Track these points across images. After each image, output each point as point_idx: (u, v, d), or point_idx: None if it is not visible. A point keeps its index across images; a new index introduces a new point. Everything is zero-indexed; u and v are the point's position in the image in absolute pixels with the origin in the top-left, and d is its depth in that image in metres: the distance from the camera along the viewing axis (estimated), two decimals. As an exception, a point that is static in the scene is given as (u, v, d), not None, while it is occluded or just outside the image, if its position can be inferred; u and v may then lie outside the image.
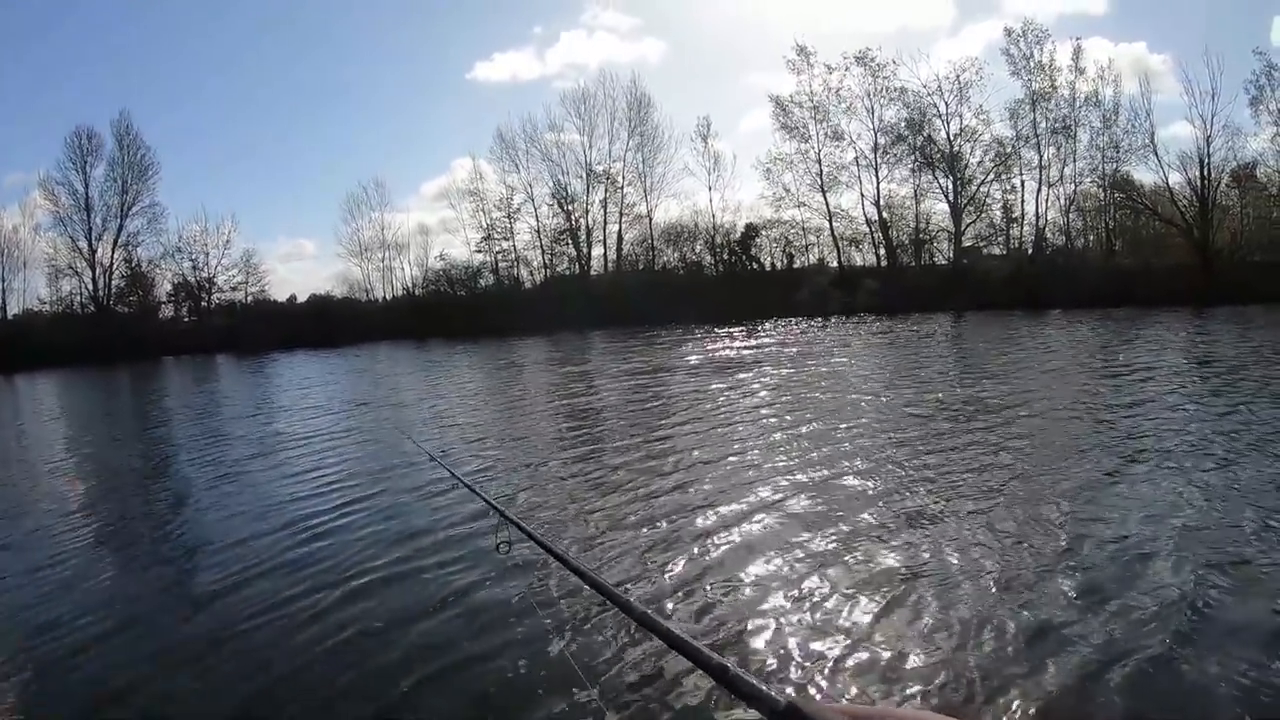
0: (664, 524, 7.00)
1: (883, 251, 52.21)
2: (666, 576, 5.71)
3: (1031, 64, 48.10)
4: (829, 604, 5.01)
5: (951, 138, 50.38)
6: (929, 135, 51.00)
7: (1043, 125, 48.04)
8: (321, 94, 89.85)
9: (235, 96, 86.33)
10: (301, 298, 61.76)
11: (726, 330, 35.48)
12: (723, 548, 6.23)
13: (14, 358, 46.04)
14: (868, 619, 4.75)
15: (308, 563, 6.73)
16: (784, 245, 54.17)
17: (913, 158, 51.38)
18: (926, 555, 5.74)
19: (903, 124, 51.42)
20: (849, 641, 4.48)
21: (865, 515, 6.73)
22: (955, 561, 5.55)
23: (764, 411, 12.95)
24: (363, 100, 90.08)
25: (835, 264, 52.41)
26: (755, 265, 54.12)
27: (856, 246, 53.43)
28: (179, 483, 11.66)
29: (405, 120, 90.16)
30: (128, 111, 56.52)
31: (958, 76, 49.94)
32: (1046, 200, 48.52)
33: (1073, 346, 20.27)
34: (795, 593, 5.22)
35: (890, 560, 5.66)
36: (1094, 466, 7.96)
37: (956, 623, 4.59)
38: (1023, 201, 49.30)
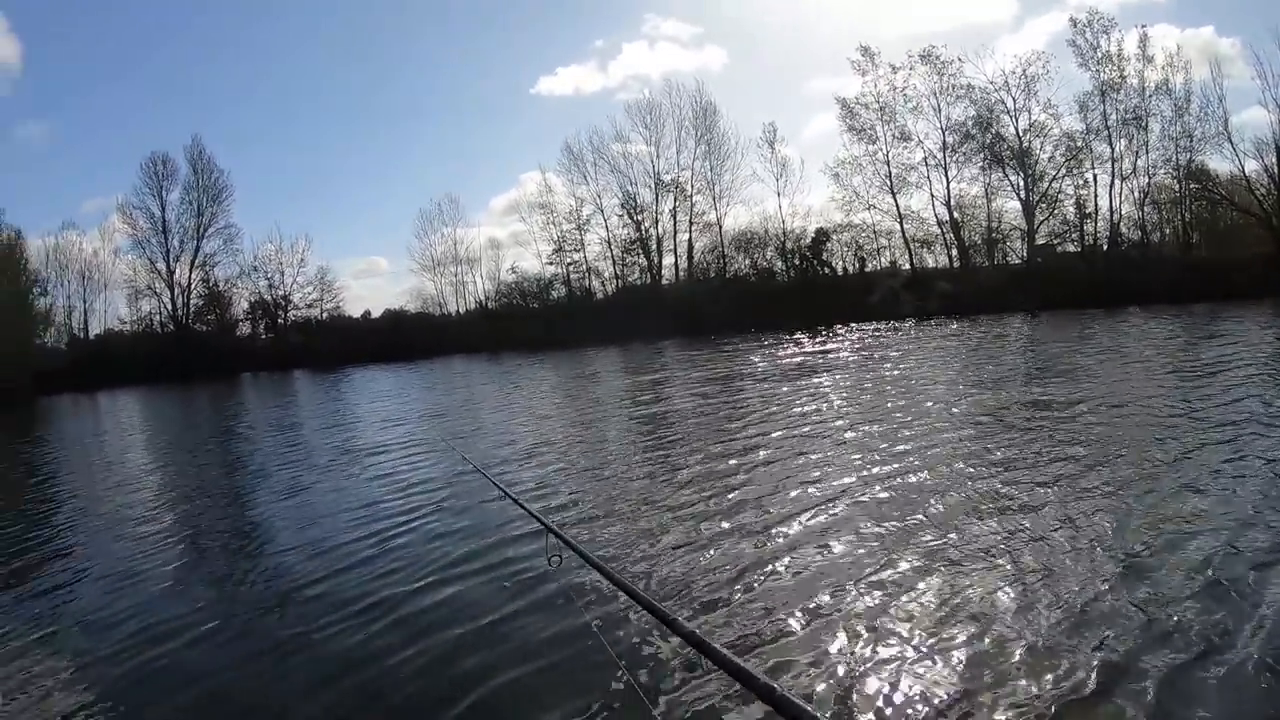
0: (721, 535, 7.06)
1: (955, 252, 52.27)
2: (719, 591, 5.67)
3: (1099, 54, 47.70)
4: (886, 625, 4.86)
5: (1021, 133, 50.21)
6: (998, 132, 50.93)
7: (1113, 117, 47.65)
8: (391, 114, 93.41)
9: (307, 119, 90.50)
10: (375, 313, 64.13)
11: (799, 336, 35.91)
12: (780, 564, 6.14)
13: (97, 376, 48.83)
14: (924, 647, 4.53)
15: (378, 567, 7.18)
16: (855, 249, 54.63)
17: (982, 155, 51.36)
18: (992, 579, 5.44)
19: (970, 122, 51.51)
20: (902, 668, 4.32)
21: (928, 536, 6.46)
22: (1021, 588, 5.22)
23: (831, 418, 13.06)
24: (431, 118, 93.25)
25: (907, 266, 52.44)
26: (827, 270, 54.48)
27: (928, 248, 53.66)
28: (258, 491, 12.35)
29: (473, 137, 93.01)
30: (199, 137, 60.06)
31: (1024, 70, 49.86)
32: (1120, 194, 48.04)
33: (1150, 345, 20.21)
34: (850, 614, 5.06)
35: (953, 585, 5.39)
36: (1182, 476, 7.50)
37: (1021, 654, 4.33)
38: (1096, 196, 48.83)
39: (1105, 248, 47.95)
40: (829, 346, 29.33)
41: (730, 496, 8.45)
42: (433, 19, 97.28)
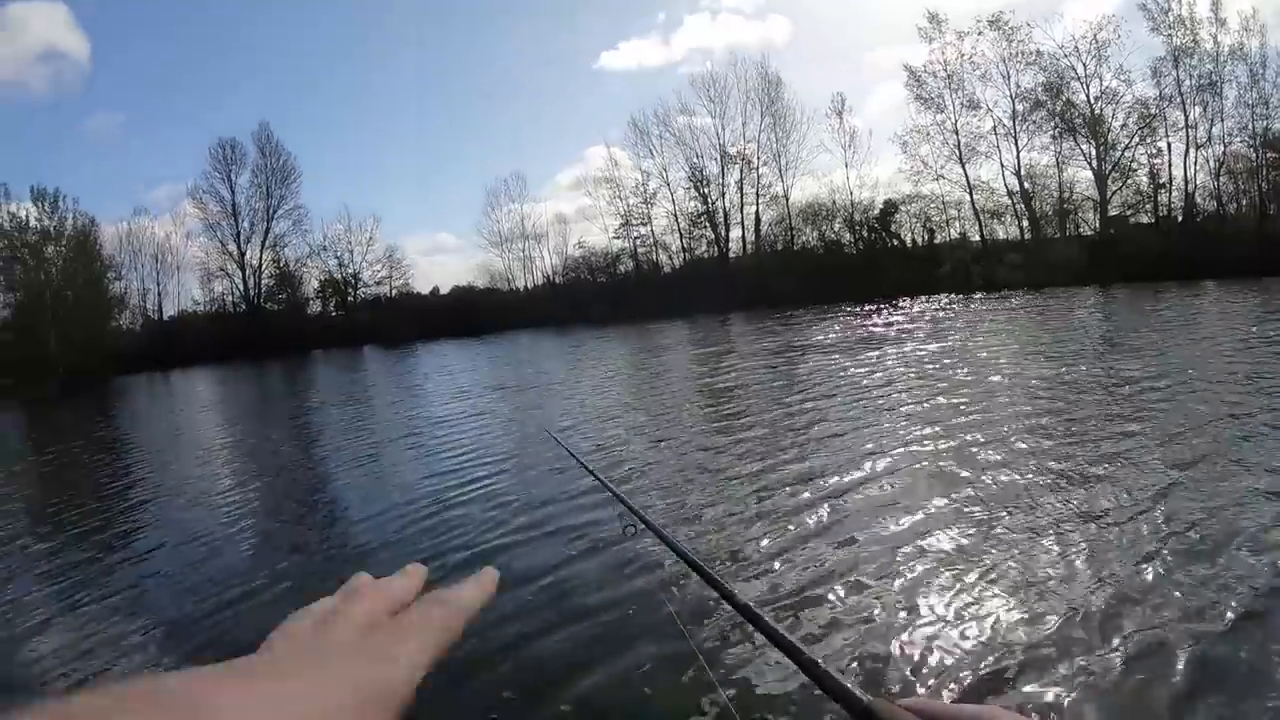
0: (780, 509, 7.27)
1: (1025, 223, 51.70)
2: (776, 565, 5.91)
3: (1170, 18, 46.28)
4: (934, 599, 5.06)
5: (1092, 101, 49.31)
6: (1068, 99, 50.01)
7: (1186, 83, 46.41)
8: (457, 92, 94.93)
9: (374, 101, 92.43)
10: (444, 290, 65.99)
11: (866, 309, 36.15)
12: (833, 536, 6.38)
13: (171, 356, 51.43)
14: (968, 620, 4.75)
15: (443, 531, 7.75)
16: (924, 220, 54.29)
17: (1053, 124, 50.46)
18: (1040, 554, 5.60)
19: (1040, 89, 50.59)
20: (945, 642, 4.52)
21: (979, 510, 6.64)
22: (1067, 565, 5.38)
23: (894, 391, 13.30)
24: (497, 96, 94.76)
25: (976, 238, 52.17)
26: (895, 242, 54.38)
27: (998, 219, 53.01)
28: (331, 460, 13.03)
29: (538, 114, 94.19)
30: (267, 122, 63.44)
31: (1095, 36, 48.81)
32: (1195, 163, 46.94)
33: (1225, 320, 20.14)
34: (899, 588, 5.27)
35: (1001, 559, 5.58)
36: (1243, 457, 7.43)
37: (1062, 628, 4.50)
38: (1170, 166, 47.71)
39: (1180, 219, 47.15)
40: (895, 319, 29.67)
41: (790, 469, 8.75)
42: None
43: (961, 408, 11.23)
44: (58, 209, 52.01)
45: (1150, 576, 5.05)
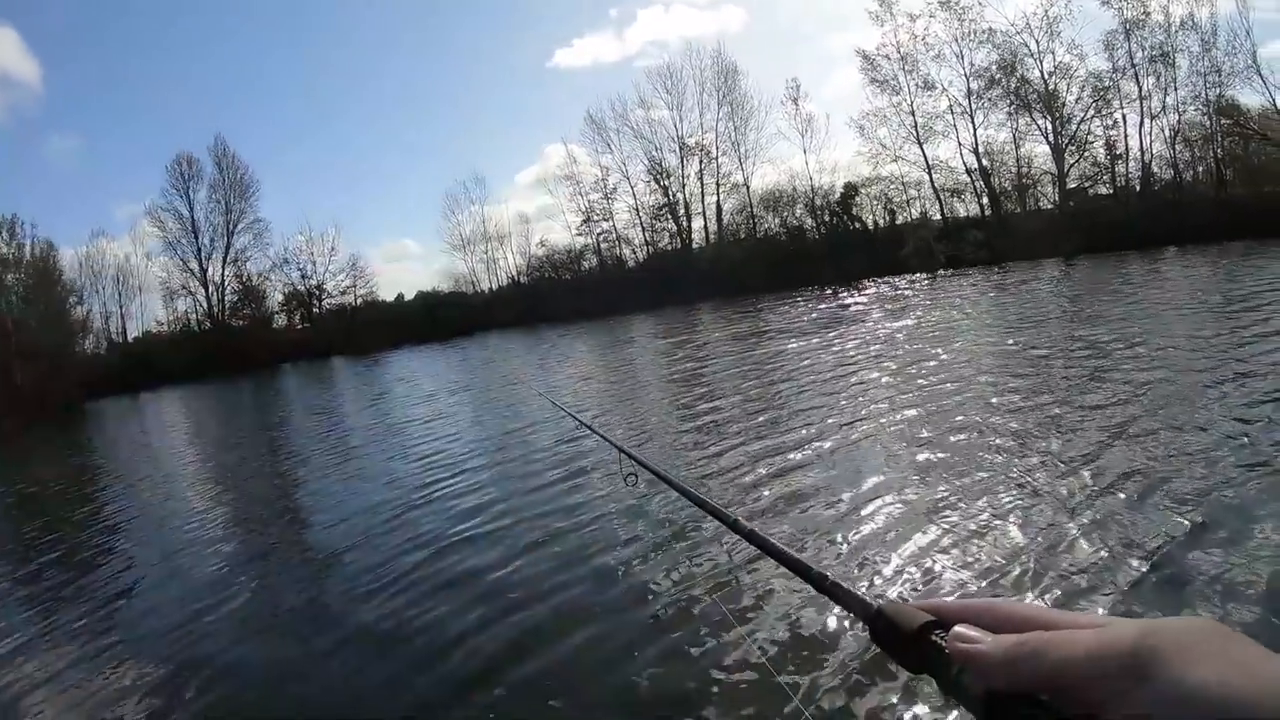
0: (762, 454, 8.26)
1: (986, 200, 51.80)
2: (769, 497, 6.87)
3: None
4: (920, 519, 5.78)
5: (1046, 76, 49.51)
6: (1023, 76, 50.19)
7: (1139, 55, 46.78)
8: (410, 96, 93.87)
9: (325, 107, 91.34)
10: (409, 296, 65.02)
11: (831, 293, 36.24)
12: (814, 473, 7.33)
13: (139, 378, 49.99)
14: (959, 533, 5.45)
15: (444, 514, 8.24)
16: (885, 202, 54.29)
17: (1008, 101, 50.65)
18: (997, 493, 6.14)
19: (994, 67, 50.71)
20: (938, 554, 5.19)
21: (928, 454, 7.40)
22: (1021, 502, 5.89)
23: (860, 362, 13.80)
24: (450, 98, 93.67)
25: (938, 217, 52.27)
26: (857, 225, 54.33)
27: (959, 197, 53.21)
28: (300, 469, 13.24)
29: (494, 114, 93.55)
30: (222, 136, 61.53)
31: (1046, 12, 48.89)
32: (1150, 133, 47.28)
33: (1190, 284, 20.39)
34: (885, 511, 6.05)
35: (981, 485, 6.32)
36: (1193, 414, 7.59)
37: (1025, 552, 5.02)
38: (1126, 137, 48.16)
39: (1138, 189, 47.46)
40: (860, 300, 29.78)
41: (766, 427, 9.62)
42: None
43: (921, 374, 11.66)
44: (15, 235, 50.72)
45: (1088, 511, 5.58)
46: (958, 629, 0.51)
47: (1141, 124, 47.35)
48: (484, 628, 5.24)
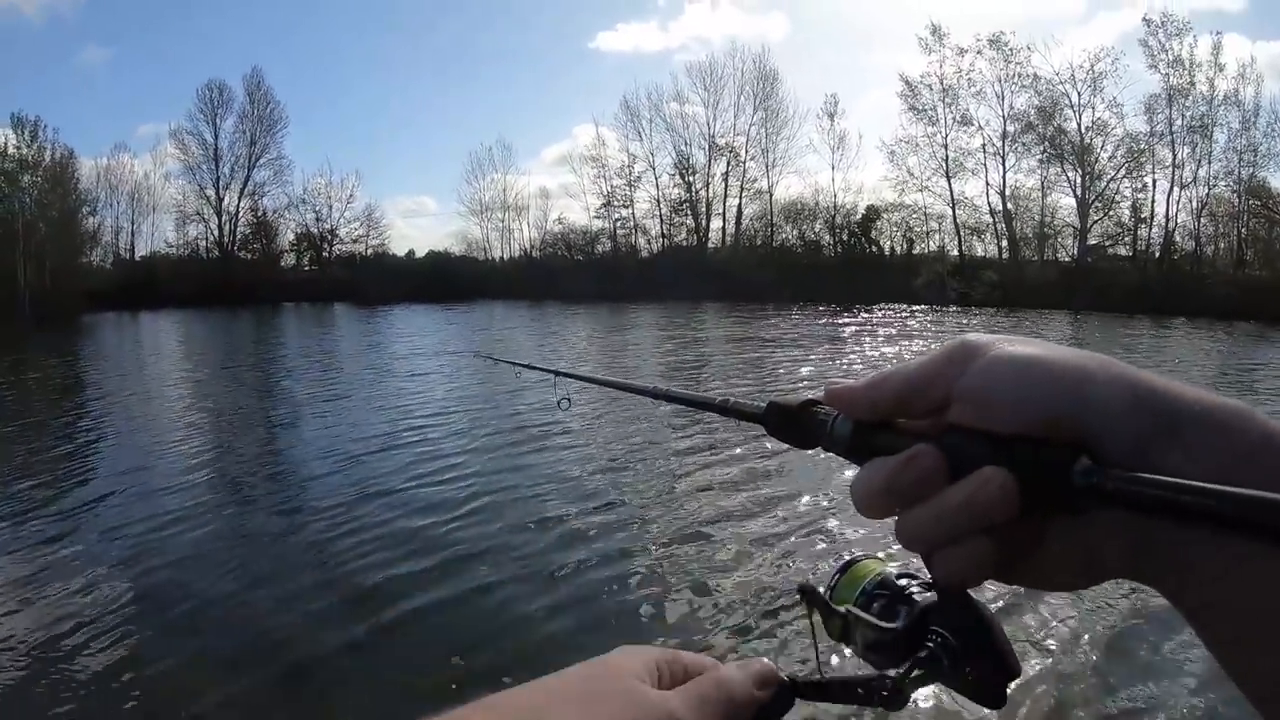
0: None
1: (1005, 243, 51.67)
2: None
3: (1169, 57, 46.11)
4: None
5: (1083, 129, 49.14)
6: (1059, 125, 49.86)
7: (1178, 123, 46.21)
8: (448, 57, 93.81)
9: (365, 57, 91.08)
10: (420, 253, 65.18)
11: (839, 311, 36.18)
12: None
13: (141, 297, 49.79)
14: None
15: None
16: (904, 230, 54.37)
17: (1042, 148, 50.36)
18: None
19: (1033, 112, 50.37)
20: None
21: None
22: None
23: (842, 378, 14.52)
24: (488, 64, 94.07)
25: (955, 253, 52.11)
26: (874, 249, 54.37)
27: (978, 236, 53.12)
28: (295, 405, 13.57)
29: (529, 85, 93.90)
30: (259, 68, 60.52)
31: (1092, 66, 48.59)
32: (1178, 202, 46.95)
33: (1192, 354, 20.54)
34: None
35: None
36: None
37: None
38: (1153, 202, 47.76)
39: (1158, 255, 47.22)
40: (868, 321, 30.07)
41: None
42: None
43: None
44: (36, 138, 50.14)
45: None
46: (830, 385, 0.53)
47: (1171, 191, 47.08)
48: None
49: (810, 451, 0.56)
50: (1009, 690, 0.48)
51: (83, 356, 24.17)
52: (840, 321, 30.14)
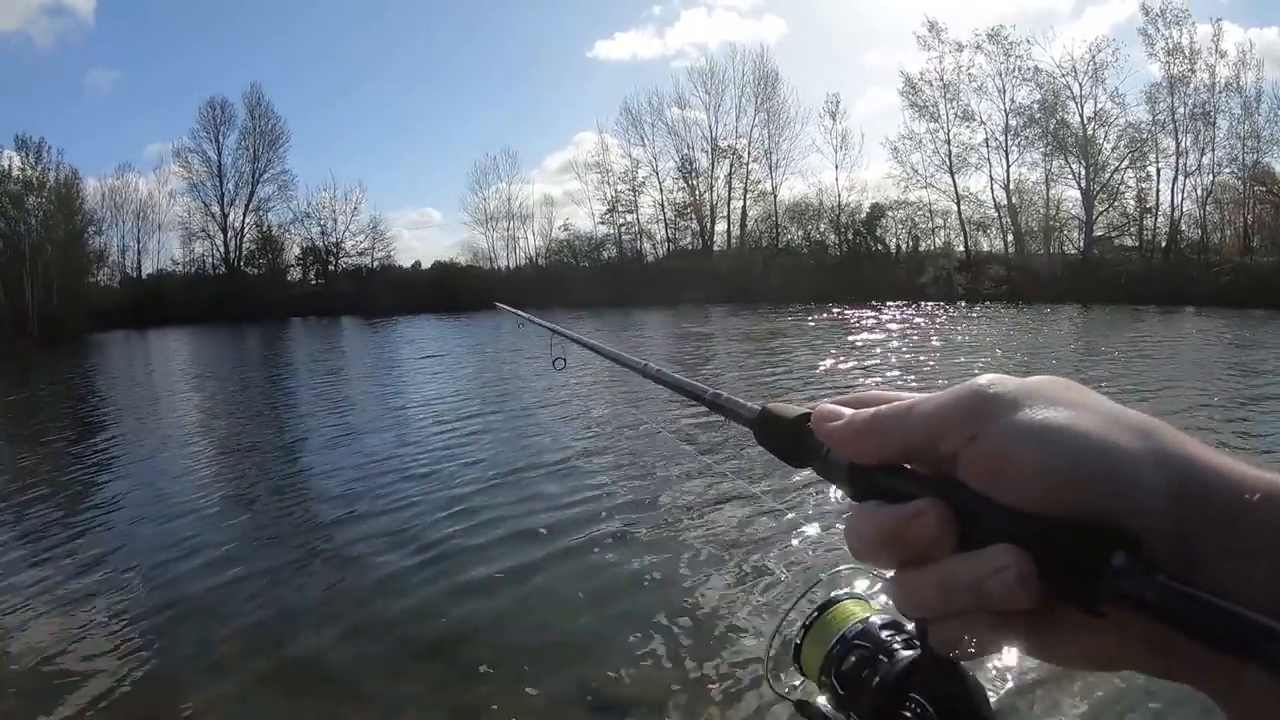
0: None
1: (1010, 238, 51.56)
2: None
3: (1169, 45, 45.97)
4: None
5: (1085, 121, 49.09)
6: (1062, 118, 49.80)
7: (1180, 111, 46.11)
8: (449, 69, 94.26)
9: (365, 68, 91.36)
10: (426, 264, 64.60)
11: (845, 310, 36.07)
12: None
13: (148, 314, 49.90)
14: None
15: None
16: (909, 227, 54.16)
17: (1044, 141, 50.26)
18: None
19: (1035, 105, 50.27)
20: None
21: None
22: None
23: (855, 378, 14.37)
24: (488, 75, 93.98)
25: (961, 249, 51.92)
26: (880, 247, 54.24)
27: (984, 231, 52.84)
28: (304, 418, 13.66)
29: (529, 96, 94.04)
30: (259, 84, 60.64)
31: (1093, 57, 48.55)
32: (1182, 190, 46.74)
33: (1201, 344, 20.40)
34: None
35: None
36: None
37: None
38: (1158, 191, 47.57)
39: (1164, 244, 47.05)
40: (878, 319, 29.88)
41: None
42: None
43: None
44: (41, 159, 50.24)
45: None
46: (819, 408, 0.49)
47: (1175, 180, 46.90)
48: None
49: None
50: None
51: (89, 374, 24.42)
52: (848, 321, 30.12)
